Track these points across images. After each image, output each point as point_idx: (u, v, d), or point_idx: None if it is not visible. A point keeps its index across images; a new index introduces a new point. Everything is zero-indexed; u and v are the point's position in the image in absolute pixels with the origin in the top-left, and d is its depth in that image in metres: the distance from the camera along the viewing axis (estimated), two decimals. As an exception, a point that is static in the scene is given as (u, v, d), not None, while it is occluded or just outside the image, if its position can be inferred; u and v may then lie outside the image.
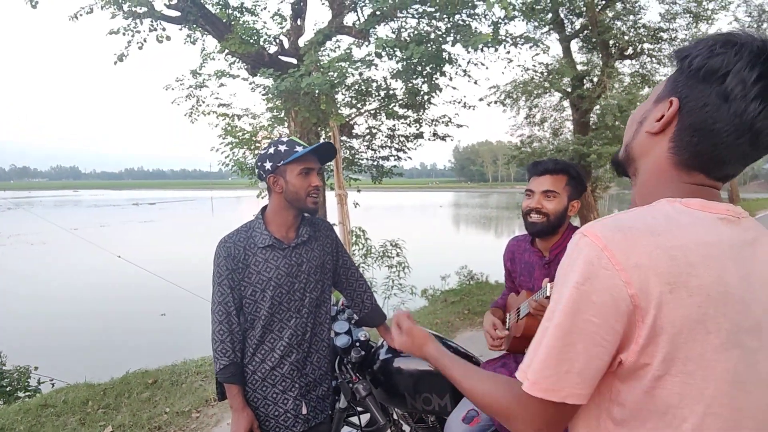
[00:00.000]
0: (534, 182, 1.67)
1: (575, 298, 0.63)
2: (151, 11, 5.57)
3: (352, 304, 1.95)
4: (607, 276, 0.62)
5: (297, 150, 1.56)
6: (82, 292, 11.01)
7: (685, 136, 0.69)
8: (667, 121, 0.70)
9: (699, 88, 0.67)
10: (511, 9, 5.37)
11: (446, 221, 29.82)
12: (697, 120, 0.67)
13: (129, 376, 3.94)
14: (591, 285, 0.63)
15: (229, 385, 1.57)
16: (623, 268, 0.62)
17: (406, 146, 7.68)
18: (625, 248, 0.63)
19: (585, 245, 0.65)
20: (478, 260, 9.64)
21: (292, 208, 1.62)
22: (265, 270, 1.60)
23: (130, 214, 37.25)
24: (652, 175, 0.74)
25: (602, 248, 0.63)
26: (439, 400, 1.86)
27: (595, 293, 0.62)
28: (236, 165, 6.97)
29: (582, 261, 0.64)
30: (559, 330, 0.64)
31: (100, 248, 8.21)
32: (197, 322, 7.07)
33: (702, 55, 0.66)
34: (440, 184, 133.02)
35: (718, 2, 10.88)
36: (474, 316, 5.50)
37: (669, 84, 0.72)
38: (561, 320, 0.64)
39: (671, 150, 0.70)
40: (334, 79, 5.00)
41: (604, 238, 0.64)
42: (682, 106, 0.69)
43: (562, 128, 13.54)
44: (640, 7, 11.32)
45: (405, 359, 1.92)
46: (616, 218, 0.67)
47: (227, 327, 1.56)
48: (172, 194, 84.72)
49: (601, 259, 0.63)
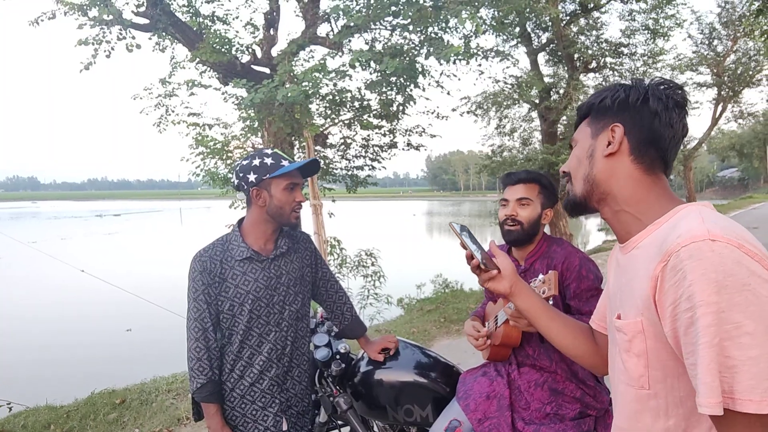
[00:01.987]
0: (508, 191, 1.72)
1: (752, 300, 0.63)
2: (119, 19, 5.44)
3: (332, 316, 1.93)
4: (759, 268, 0.64)
5: (284, 164, 1.54)
6: (42, 308, 10.46)
7: (642, 148, 0.84)
8: (620, 141, 0.84)
9: (631, 112, 0.84)
10: (481, 23, 5.52)
11: (420, 229, 30.02)
12: (643, 134, 0.83)
13: (95, 397, 3.76)
14: (756, 282, 0.63)
15: (206, 405, 1.52)
16: (761, 257, 0.66)
17: (380, 156, 7.73)
18: (751, 242, 0.67)
19: (722, 248, 0.65)
20: (453, 268, 9.74)
21: (272, 222, 1.60)
22: (243, 283, 1.57)
23: (93, 226, 35.77)
24: (632, 186, 0.85)
25: (739, 246, 0.65)
26: (420, 411, 1.86)
27: (763, 288, 0.63)
28: (208, 175, 6.83)
29: (732, 263, 0.64)
30: (755, 339, 0.62)
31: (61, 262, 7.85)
32: (166, 337, 6.83)
33: (616, 92, 0.86)
34: (413, 192, 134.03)
35: (673, 20, 11.52)
36: (450, 324, 5.54)
37: (598, 121, 0.88)
38: (753, 328, 0.62)
39: (635, 161, 0.84)
40: (308, 89, 5.00)
41: (733, 237, 0.66)
42: (626, 128, 0.85)
43: (531, 138, 13.94)
44: (602, 23, 11.85)
45: (386, 371, 1.91)
46: (709, 221, 0.70)
47: (204, 344, 1.52)
48: (139, 205, 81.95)
49: (744, 257, 0.65)
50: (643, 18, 11.41)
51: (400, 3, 5.69)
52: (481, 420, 1.66)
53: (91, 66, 5.78)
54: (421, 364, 1.93)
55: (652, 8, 11.01)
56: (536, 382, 1.66)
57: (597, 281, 1.61)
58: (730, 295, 0.63)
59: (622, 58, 11.95)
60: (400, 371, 1.90)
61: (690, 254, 0.66)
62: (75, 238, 25.04)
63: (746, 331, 0.62)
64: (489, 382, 1.74)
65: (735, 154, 40.06)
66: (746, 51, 19.86)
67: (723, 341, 0.62)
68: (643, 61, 11.83)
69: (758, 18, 9.51)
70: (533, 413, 1.62)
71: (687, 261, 0.66)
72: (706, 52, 20.62)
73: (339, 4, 5.69)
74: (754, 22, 12.36)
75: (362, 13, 5.50)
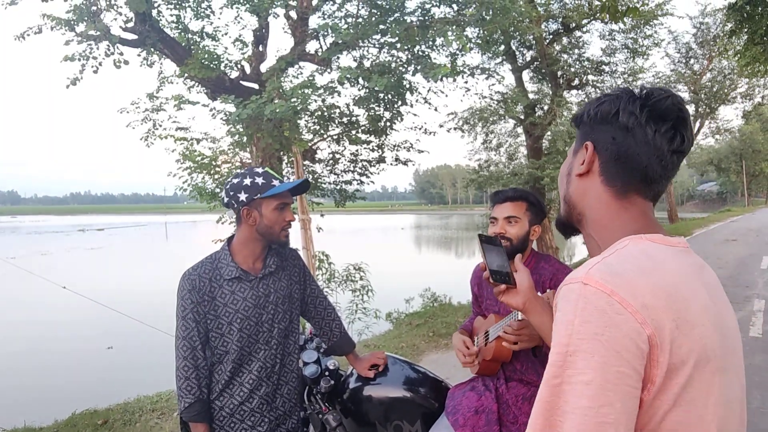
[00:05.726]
0: (496, 210, 1.76)
1: (599, 350, 0.60)
2: (107, 35, 5.44)
3: (320, 333, 1.94)
4: (624, 321, 0.61)
5: (274, 184, 1.56)
6: (20, 326, 10.16)
7: (611, 168, 0.76)
8: (590, 161, 0.78)
9: (602, 128, 0.77)
10: (467, 42, 5.66)
11: (408, 243, 30.04)
12: (613, 152, 0.76)
13: (75, 418, 3.67)
14: (611, 333, 0.60)
15: (194, 425, 1.51)
16: (635, 309, 0.61)
17: (368, 171, 7.78)
18: (631, 290, 0.62)
19: (590, 293, 0.63)
20: (441, 281, 9.76)
21: (262, 240, 1.61)
22: (232, 302, 1.57)
23: (75, 240, 35.02)
24: (599, 210, 0.78)
25: (610, 293, 0.62)
26: (410, 426, 1.86)
27: (617, 341, 0.60)
28: (195, 190, 6.79)
29: (592, 310, 0.62)
30: (590, 389, 0.59)
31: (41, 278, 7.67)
32: (150, 355, 6.69)
33: (593, 105, 0.79)
34: (402, 206, 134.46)
35: (651, 40, 11.95)
36: (439, 338, 5.54)
37: (579, 138, 0.82)
38: (591, 377, 0.59)
39: (604, 182, 0.77)
40: (297, 105, 5.04)
41: (607, 283, 0.63)
42: (596, 146, 0.78)
43: (516, 153, 14.21)
44: (583, 42, 12.24)
45: (375, 387, 1.91)
46: (605, 264, 0.67)
47: (192, 363, 1.51)
48: (123, 219, 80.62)
49: (613, 305, 0.61)
50: (623, 37, 11.83)
51: (387, 21, 5.81)
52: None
53: (78, 81, 5.75)
54: (410, 380, 1.93)
55: (631, 28, 11.42)
56: (524, 396, 1.68)
57: None
58: (579, 340, 0.61)
59: (603, 75, 12.34)
60: (389, 387, 1.90)
61: (562, 295, 0.67)
62: (56, 254, 24.48)
63: (583, 380, 0.60)
64: (477, 396, 1.75)
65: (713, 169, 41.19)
66: (721, 70, 20.63)
67: (562, 384, 0.61)
68: (624, 78, 12.21)
69: (731, 38, 9.92)
70: (521, 427, 1.64)
71: (560, 301, 0.67)
72: (683, 70, 21.32)
73: (328, 21, 5.79)
74: (727, 42, 12.87)
75: (351, 30, 5.59)
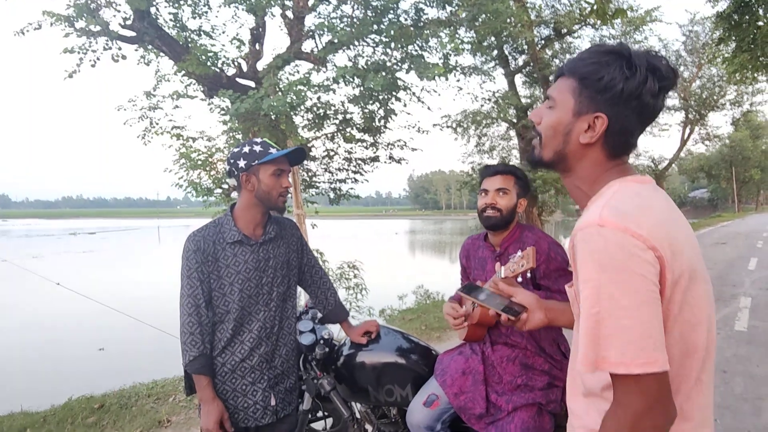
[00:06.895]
0: (487, 182, 1.86)
1: (627, 277, 0.72)
2: (106, 30, 5.53)
3: (316, 302, 2.03)
4: (640, 249, 0.73)
5: (272, 151, 1.65)
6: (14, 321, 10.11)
7: (616, 137, 0.85)
8: (600, 134, 0.85)
9: (620, 107, 0.83)
10: (459, 43, 5.81)
11: (402, 248, 30.11)
12: (623, 128, 0.84)
13: (72, 402, 3.70)
14: (633, 261, 0.72)
15: (198, 377, 1.59)
16: (646, 239, 0.74)
17: (362, 169, 7.88)
18: (639, 225, 0.75)
19: (608, 233, 0.74)
20: (434, 281, 9.86)
21: (261, 206, 1.70)
22: (234, 264, 1.66)
23: (66, 244, 34.69)
24: (593, 169, 0.89)
25: (624, 230, 0.74)
26: (401, 390, 1.95)
27: (639, 266, 0.72)
28: (191, 185, 6.85)
29: (614, 246, 0.73)
30: (627, 311, 0.71)
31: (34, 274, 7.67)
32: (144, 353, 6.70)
33: (617, 77, 0.81)
34: (396, 211, 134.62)
35: (641, 46, 12.20)
36: (431, 331, 5.62)
37: (585, 101, 0.85)
38: (627, 302, 0.71)
39: (604, 147, 0.87)
40: (293, 101, 5.15)
41: (620, 222, 0.75)
42: (610, 121, 0.84)
43: (509, 156, 14.39)
44: (575, 48, 12.47)
45: (368, 353, 2.01)
46: (611, 207, 0.78)
47: (196, 319, 1.59)
48: (115, 223, 79.91)
49: (629, 239, 0.73)
50: (613, 43, 12.07)
51: (382, 21, 5.95)
52: (457, 394, 1.76)
53: (75, 74, 5.82)
54: (402, 347, 2.03)
55: (621, 34, 11.67)
56: (508, 358, 1.78)
57: (564, 262, 1.75)
58: (609, 274, 0.73)
59: (594, 80, 12.55)
60: (381, 353, 1.99)
61: (581, 238, 0.78)
62: (48, 257, 24.27)
63: (621, 305, 0.72)
64: (464, 359, 1.85)
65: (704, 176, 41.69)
66: (710, 77, 21.02)
67: (600, 312, 0.73)
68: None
69: (720, 46, 10.16)
70: (505, 386, 1.74)
71: (579, 244, 0.79)
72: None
73: (324, 21, 5.91)
74: (716, 50, 13.15)
75: (346, 30, 5.72)
